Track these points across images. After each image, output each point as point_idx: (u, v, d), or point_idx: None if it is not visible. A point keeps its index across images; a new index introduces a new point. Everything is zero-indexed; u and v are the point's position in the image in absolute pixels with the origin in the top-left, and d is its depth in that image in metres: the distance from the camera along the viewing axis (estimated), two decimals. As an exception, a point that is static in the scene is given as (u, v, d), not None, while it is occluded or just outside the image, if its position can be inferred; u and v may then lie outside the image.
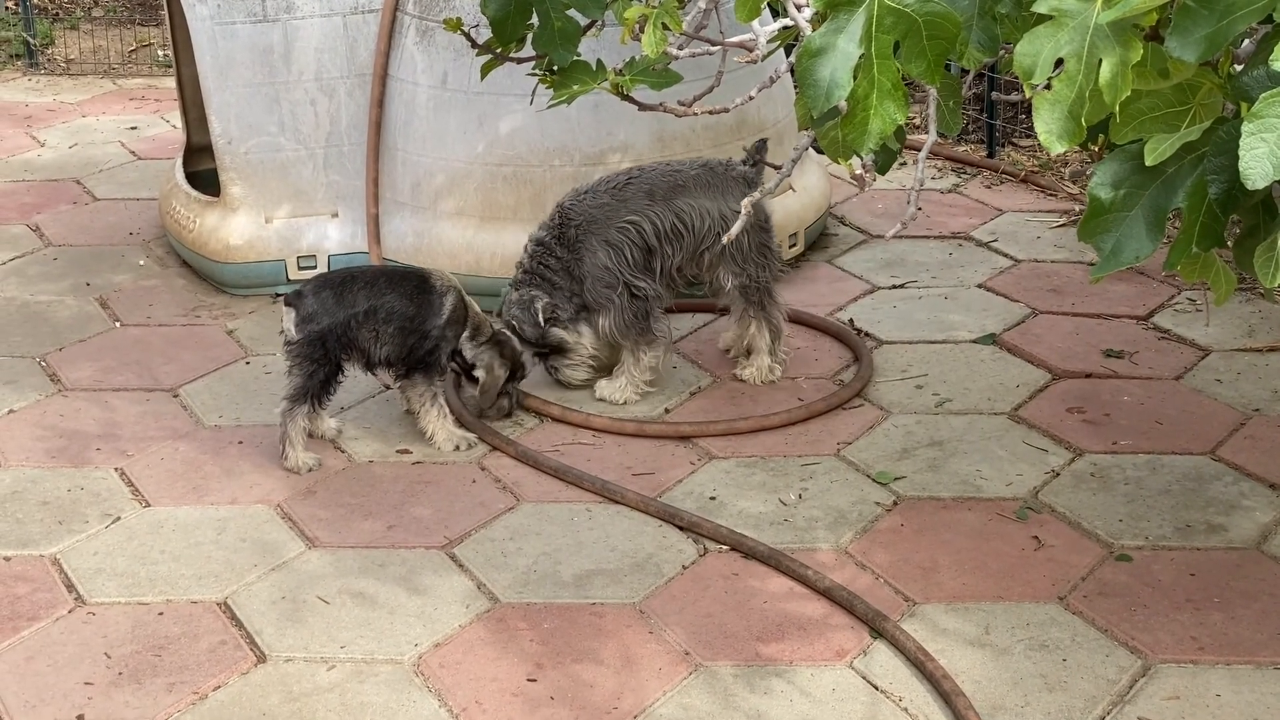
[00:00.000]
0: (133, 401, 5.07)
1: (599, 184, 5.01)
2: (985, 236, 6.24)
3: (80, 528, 4.39)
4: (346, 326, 4.63)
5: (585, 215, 4.92)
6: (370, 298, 4.66)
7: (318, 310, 4.63)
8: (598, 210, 4.92)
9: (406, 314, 4.67)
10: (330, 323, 4.62)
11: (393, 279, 4.75)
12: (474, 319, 4.79)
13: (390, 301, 4.66)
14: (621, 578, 4.12)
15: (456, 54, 5.51)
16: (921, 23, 2.52)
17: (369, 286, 4.69)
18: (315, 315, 4.62)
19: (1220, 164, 2.47)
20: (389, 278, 4.76)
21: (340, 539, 4.32)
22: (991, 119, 7.10)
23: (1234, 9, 2.34)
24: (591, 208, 4.93)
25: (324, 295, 4.65)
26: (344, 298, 4.65)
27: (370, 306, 4.65)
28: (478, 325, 4.79)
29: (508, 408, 4.88)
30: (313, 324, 4.62)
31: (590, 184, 5.05)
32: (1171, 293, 5.65)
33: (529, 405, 4.95)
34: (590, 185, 5.03)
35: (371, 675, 3.77)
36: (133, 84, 8.45)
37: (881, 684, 3.70)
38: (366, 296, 4.66)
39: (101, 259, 6.16)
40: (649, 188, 4.94)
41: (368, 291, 4.67)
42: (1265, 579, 4.05)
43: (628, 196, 4.93)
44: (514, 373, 4.84)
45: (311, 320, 4.62)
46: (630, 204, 4.91)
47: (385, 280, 4.73)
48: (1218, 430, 4.75)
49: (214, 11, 5.63)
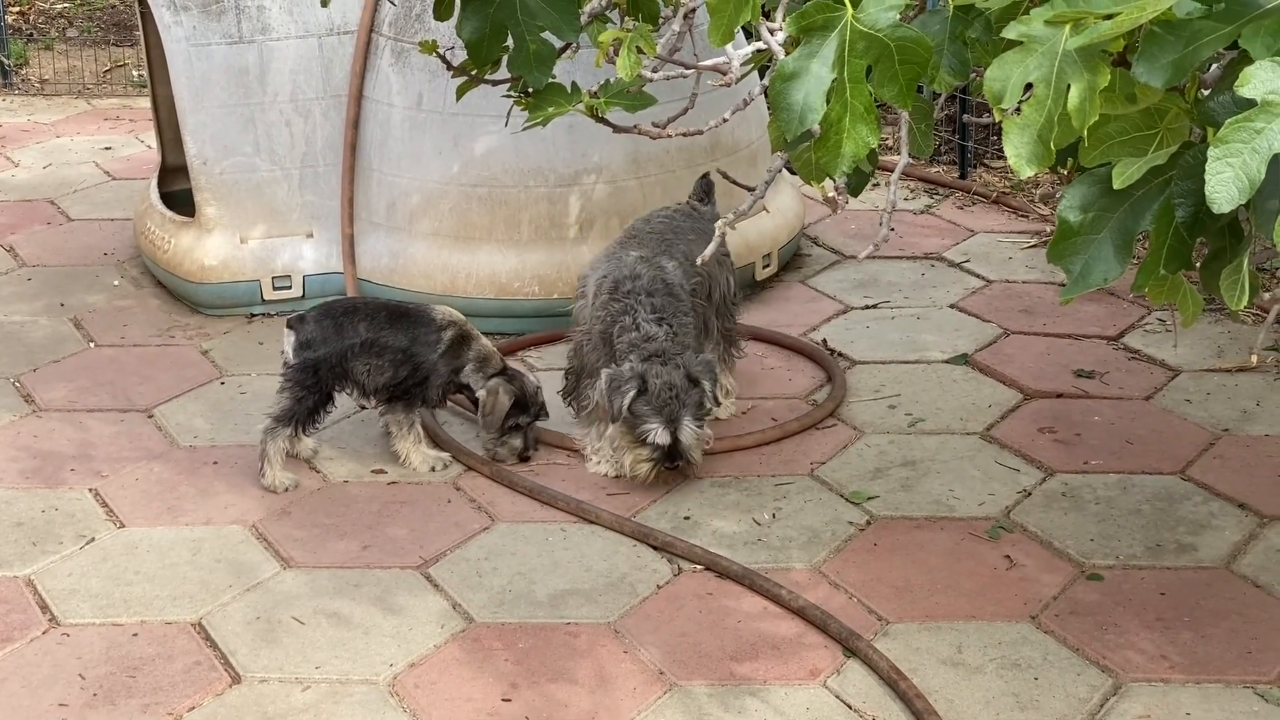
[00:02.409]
0: (107, 422, 5.06)
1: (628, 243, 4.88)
2: (957, 257, 6.28)
3: (54, 549, 4.38)
4: (343, 357, 4.64)
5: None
6: (370, 330, 4.66)
7: (316, 338, 4.64)
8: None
9: (400, 347, 4.67)
10: (326, 352, 4.63)
11: (394, 314, 4.74)
12: (480, 353, 4.76)
13: (387, 335, 4.67)
14: (596, 597, 4.13)
15: (432, 75, 5.53)
16: (894, 47, 2.54)
17: (370, 319, 4.69)
18: (313, 342, 4.63)
19: (1187, 188, 2.50)
20: (390, 312, 4.75)
21: (315, 559, 4.32)
22: (963, 141, 7.14)
23: (1200, 35, 2.37)
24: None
25: (325, 324, 4.66)
26: (344, 328, 4.66)
27: (368, 339, 4.65)
28: (485, 357, 4.75)
29: (520, 447, 4.76)
30: (309, 351, 4.63)
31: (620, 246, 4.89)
32: (1141, 313, 5.70)
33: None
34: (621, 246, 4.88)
35: (347, 695, 3.77)
36: (107, 104, 8.45)
37: (855, 703, 3.72)
38: (366, 329, 4.66)
39: (76, 279, 6.16)
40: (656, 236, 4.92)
41: (368, 324, 4.67)
42: (1235, 598, 4.08)
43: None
44: (526, 409, 4.74)
45: (309, 347, 4.63)
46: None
47: (386, 314, 4.73)
48: (1187, 450, 4.79)
49: (189, 33, 5.64)
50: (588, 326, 4.72)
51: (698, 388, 4.46)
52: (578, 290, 4.91)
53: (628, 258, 4.71)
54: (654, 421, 4.43)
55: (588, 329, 4.72)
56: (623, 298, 4.59)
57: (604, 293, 4.65)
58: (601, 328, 4.63)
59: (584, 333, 4.75)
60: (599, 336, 4.63)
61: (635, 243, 4.83)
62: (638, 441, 4.48)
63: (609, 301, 4.62)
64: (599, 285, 4.70)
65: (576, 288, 4.95)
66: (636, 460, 4.51)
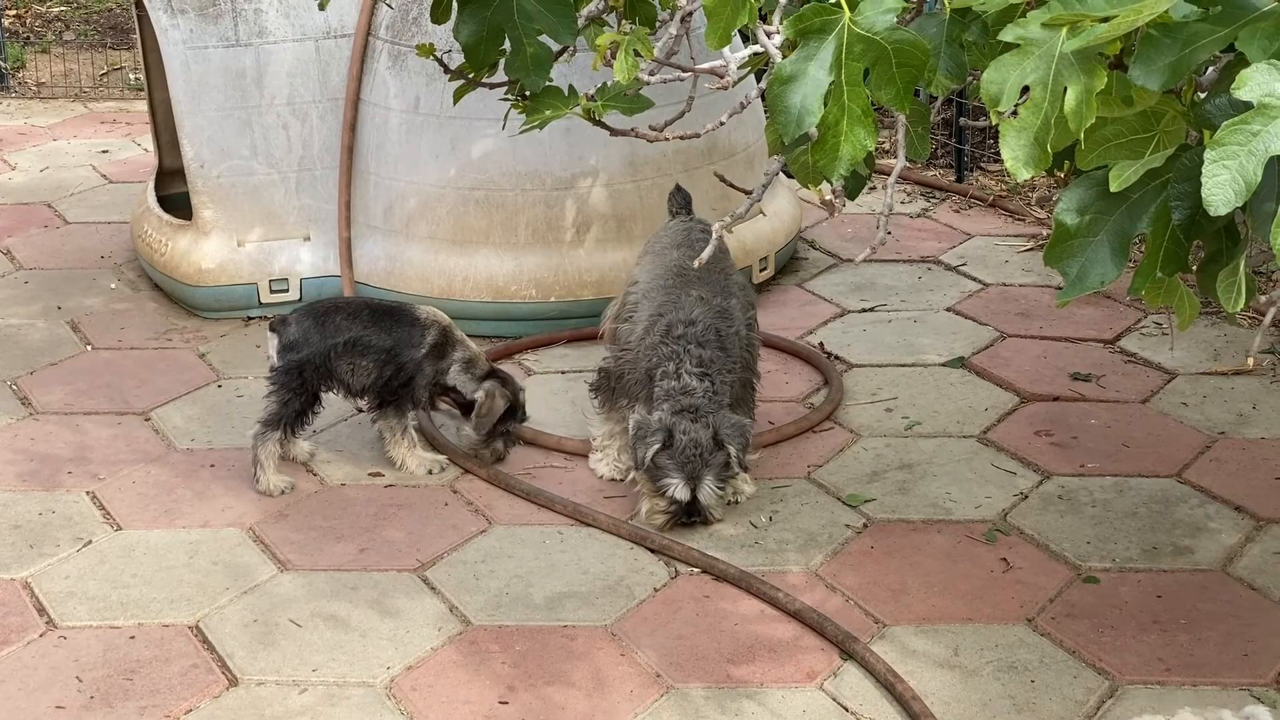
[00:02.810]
0: (104, 425, 5.06)
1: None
2: (954, 260, 6.28)
3: (51, 551, 4.38)
4: (326, 357, 4.64)
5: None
6: (352, 329, 4.67)
7: (299, 339, 4.64)
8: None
9: (383, 346, 4.68)
10: (310, 353, 4.63)
11: (376, 312, 4.75)
12: (465, 353, 4.77)
13: (369, 335, 4.67)
14: (593, 600, 4.14)
15: (429, 78, 5.53)
16: (891, 50, 2.55)
17: (352, 318, 4.70)
18: (297, 344, 4.64)
19: (1184, 190, 2.50)
20: (372, 311, 4.76)
21: (312, 562, 4.32)
22: (960, 144, 7.15)
23: (1196, 38, 2.37)
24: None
25: (307, 324, 4.67)
26: (326, 328, 4.66)
27: (350, 339, 4.66)
28: (471, 359, 4.77)
29: (502, 451, 4.79)
30: (293, 352, 4.63)
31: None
32: (1138, 316, 5.70)
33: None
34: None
35: (344, 698, 3.77)
36: (104, 107, 8.44)
37: (852, 705, 3.72)
38: (348, 328, 4.67)
39: (73, 282, 6.16)
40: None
41: (350, 323, 4.68)
42: (1231, 601, 4.08)
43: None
44: (514, 412, 4.77)
45: (292, 349, 4.63)
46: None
47: (369, 313, 4.74)
48: (1184, 453, 4.79)
49: (187, 36, 5.64)
50: (634, 355, 4.58)
51: (723, 450, 4.33)
52: (627, 284, 4.85)
53: (686, 298, 4.54)
54: (675, 477, 4.32)
55: (634, 358, 4.58)
56: (673, 342, 4.44)
57: (655, 334, 4.50)
58: (647, 365, 4.49)
59: (630, 358, 4.60)
60: (644, 372, 4.50)
61: (694, 276, 4.60)
62: (657, 492, 4.36)
63: (659, 344, 4.47)
64: (651, 323, 4.54)
65: (626, 281, 4.90)
66: (654, 510, 4.38)
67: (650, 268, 4.78)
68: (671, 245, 4.81)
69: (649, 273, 4.76)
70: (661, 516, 4.38)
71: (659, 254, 4.82)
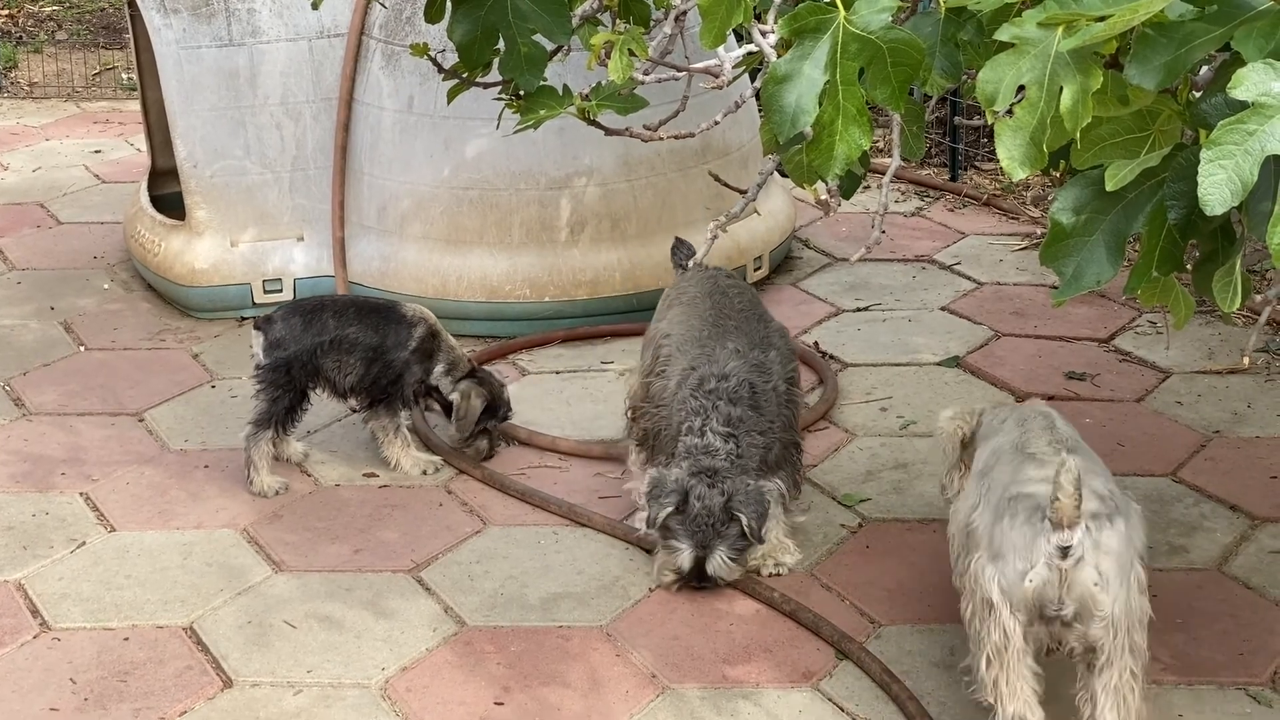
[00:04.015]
0: (98, 426, 5.05)
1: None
2: (948, 259, 6.28)
3: (45, 553, 4.37)
4: (312, 354, 4.64)
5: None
6: (338, 327, 4.66)
7: (285, 337, 4.63)
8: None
9: (370, 344, 4.67)
10: (296, 350, 4.62)
11: (362, 309, 4.75)
12: (449, 354, 4.77)
13: (355, 332, 4.67)
14: (588, 600, 4.13)
15: (422, 78, 5.52)
16: (886, 49, 2.54)
17: (338, 316, 4.69)
18: (283, 341, 4.63)
19: (1179, 190, 2.50)
20: (359, 308, 4.76)
21: (307, 563, 4.32)
22: (954, 143, 7.15)
23: (1192, 37, 2.37)
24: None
25: (293, 322, 4.66)
26: (312, 326, 4.65)
27: (336, 336, 4.65)
28: (453, 361, 4.77)
29: (487, 449, 4.79)
30: (279, 350, 4.62)
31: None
32: (1132, 315, 5.70)
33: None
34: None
35: (339, 699, 3.77)
36: (96, 107, 8.43)
37: (847, 706, 3.72)
38: (335, 325, 4.66)
39: (66, 283, 6.14)
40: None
41: (336, 320, 4.67)
42: (1226, 600, 4.08)
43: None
44: (494, 410, 4.77)
45: (279, 346, 4.63)
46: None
47: (355, 310, 4.74)
48: (1179, 452, 4.79)
49: (180, 36, 5.63)
50: (668, 410, 4.30)
51: (735, 523, 4.06)
52: (657, 338, 4.50)
53: (721, 351, 4.30)
54: (684, 544, 4.08)
55: (668, 413, 4.30)
56: (702, 397, 4.19)
57: (686, 387, 4.24)
58: (677, 419, 4.23)
59: (664, 414, 4.31)
60: (675, 427, 4.24)
61: (731, 327, 4.40)
62: (664, 559, 4.16)
63: (688, 398, 4.21)
64: (684, 376, 4.28)
65: (654, 336, 4.55)
66: (663, 568, 4.17)
67: (682, 319, 4.49)
68: (703, 295, 4.53)
69: (681, 325, 4.47)
70: (670, 576, 4.15)
71: (689, 304, 4.53)
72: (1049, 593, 3.32)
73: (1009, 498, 3.43)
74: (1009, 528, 3.37)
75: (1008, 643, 3.35)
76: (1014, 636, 3.35)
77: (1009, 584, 3.34)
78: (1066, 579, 3.31)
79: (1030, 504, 3.36)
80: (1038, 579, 3.31)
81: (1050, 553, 3.29)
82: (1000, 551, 3.38)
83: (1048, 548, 3.29)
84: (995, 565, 3.37)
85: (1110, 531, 3.33)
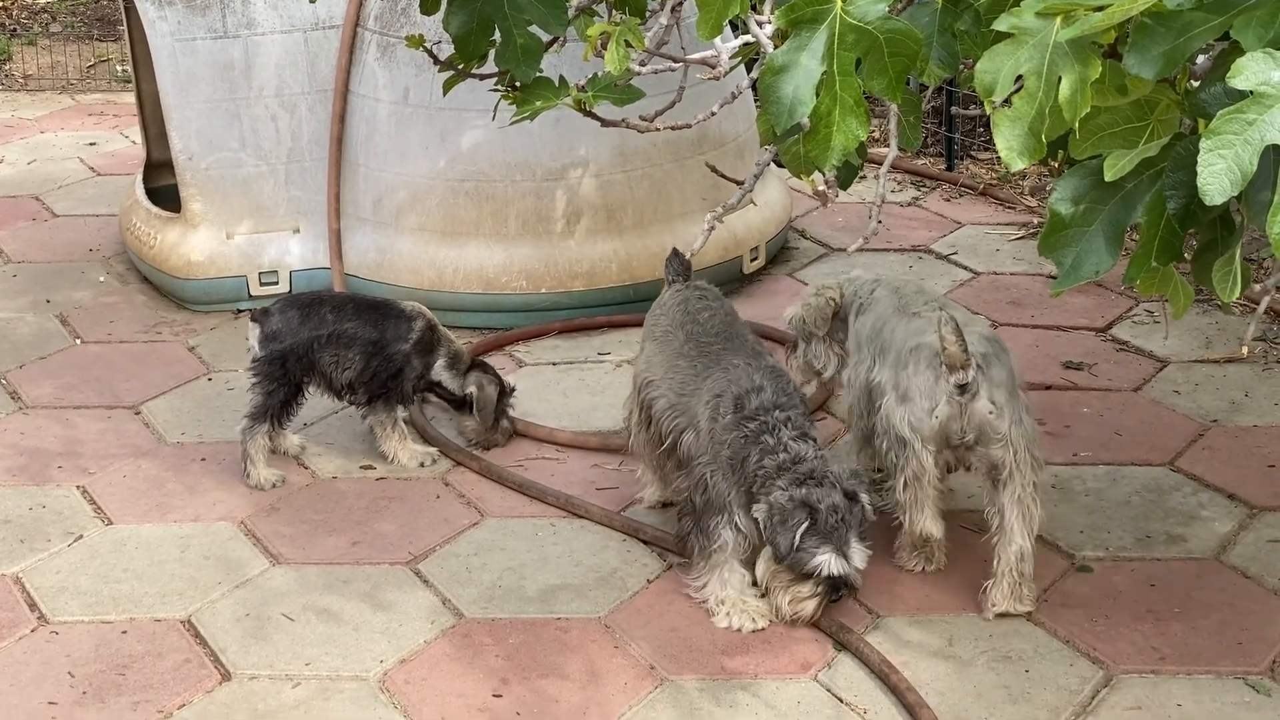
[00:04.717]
0: (94, 419, 5.04)
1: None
2: (945, 249, 6.27)
3: (42, 546, 4.36)
4: (309, 348, 4.63)
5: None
6: (336, 322, 4.66)
7: (282, 329, 4.63)
8: None
9: (370, 339, 4.67)
10: (293, 343, 4.62)
11: (360, 305, 4.75)
12: (449, 349, 4.77)
13: (354, 327, 4.66)
14: (586, 592, 4.13)
15: (418, 69, 5.51)
16: (883, 40, 2.54)
17: (336, 310, 4.69)
18: (279, 334, 4.62)
19: (1178, 179, 2.49)
20: (357, 304, 4.76)
21: (304, 555, 4.31)
22: (950, 132, 7.14)
23: (1191, 26, 2.36)
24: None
25: (290, 315, 4.65)
26: (309, 319, 4.65)
27: (334, 331, 4.65)
28: (455, 354, 4.77)
29: (510, 428, 4.83)
30: (275, 343, 4.62)
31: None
32: (1130, 305, 5.70)
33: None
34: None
35: (337, 692, 3.76)
36: (91, 99, 8.41)
37: (846, 696, 3.72)
38: (332, 320, 4.66)
39: (61, 275, 6.13)
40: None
41: (334, 315, 4.67)
42: (1224, 589, 4.08)
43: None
44: (504, 392, 4.81)
45: (275, 339, 4.62)
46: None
47: (353, 306, 4.74)
48: (1176, 441, 4.79)
49: (174, 28, 5.62)
50: (711, 454, 4.00)
51: (857, 504, 3.91)
52: (639, 385, 4.29)
53: (733, 369, 4.07)
54: (825, 552, 3.85)
55: (712, 456, 4.00)
56: (755, 415, 3.95)
57: (727, 413, 3.98)
58: (731, 453, 3.95)
59: (705, 459, 4.02)
60: (727, 463, 3.96)
61: (722, 346, 4.20)
62: (801, 578, 3.90)
63: (739, 422, 3.95)
64: (715, 405, 4.02)
65: (627, 405, 4.39)
66: (797, 598, 3.92)
67: (662, 359, 4.25)
68: (675, 326, 4.30)
69: (662, 365, 4.23)
70: (811, 603, 3.92)
71: (663, 340, 4.30)
72: (952, 425, 3.91)
73: (909, 349, 3.98)
74: (913, 374, 3.95)
75: (923, 471, 3.95)
76: (927, 466, 3.94)
77: (918, 421, 3.92)
78: (966, 411, 3.89)
79: (929, 352, 3.93)
80: (942, 414, 3.91)
81: (950, 392, 3.87)
82: (907, 395, 3.95)
83: (948, 388, 3.86)
84: (904, 407, 3.95)
85: (998, 367, 3.92)
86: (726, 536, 3.98)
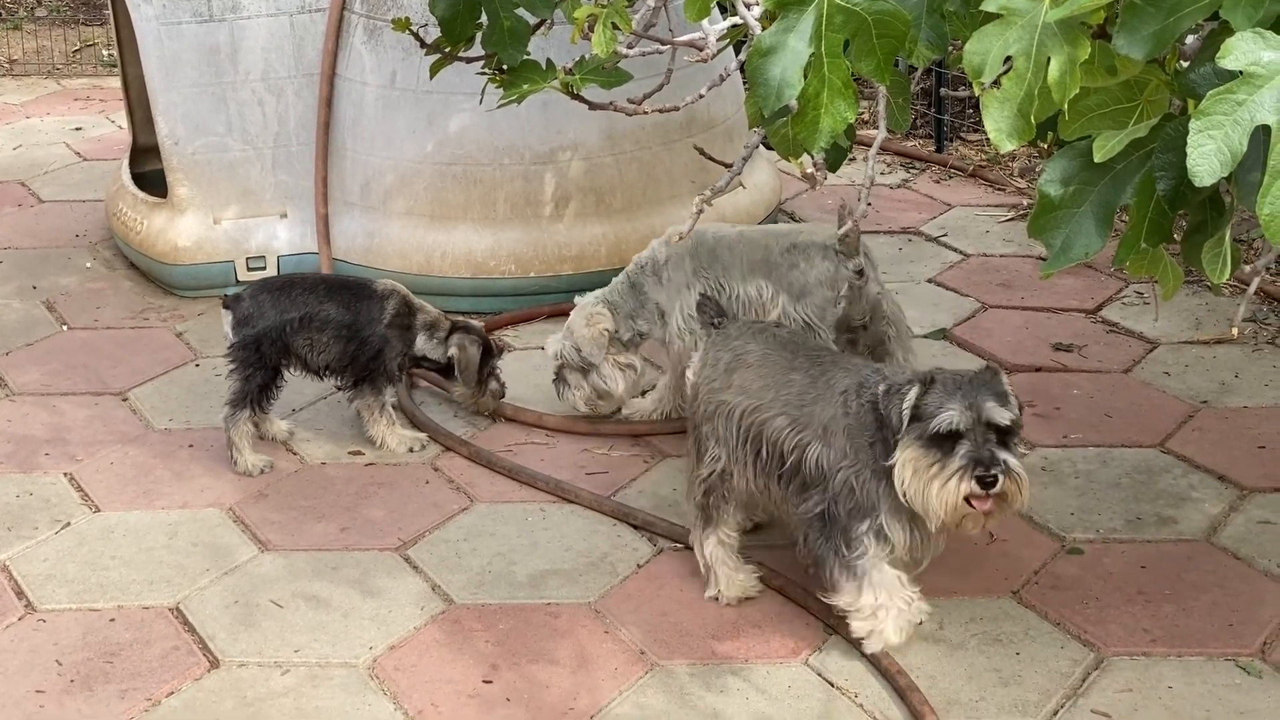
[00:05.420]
0: (81, 405, 5.02)
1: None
2: (934, 231, 6.26)
3: (29, 534, 4.35)
4: (281, 331, 4.62)
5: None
6: (307, 304, 4.65)
7: (253, 314, 4.62)
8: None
9: (343, 321, 4.66)
10: (265, 326, 4.61)
11: (332, 286, 4.74)
12: (426, 320, 4.77)
13: (327, 309, 4.65)
14: (576, 577, 4.12)
15: (405, 53, 5.49)
16: (871, 21, 2.53)
17: (308, 293, 4.68)
18: (251, 319, 4.61)
19: (1168, 161, 2.48)
20: (329, 285, 4.76)
21: (293, 542, 4.30)
22: (939, 114, 7.12)
23: (1180, 7, 2.35)
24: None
25: (261, 299, 4.64)
26: (280, 302, 4.64)
27: (306, 313, 4.63)
28: (433, 322, 4.77)
29: (499, 389, 4.85)
30: (248, 327, 4.61)
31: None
32: (1119, 286, 5.69)
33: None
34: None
35: (326, 679, 3.75)
36: (77, 84, 8.38)
37: (837, 680, 3.71)
38: (304, 303, 4.65)
39: (47, 261, 6.11)
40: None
41: (306, 298, 4.66)
42: (1215, 571, 4.08)
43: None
44: (490, 351, 4.81)
45: (247, 324, 4.61)
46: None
47: (325, 287, 4.73)
48: (1167, 422, 4.79)
49: (159, 11, 5.59)
50: (852, 455, 3.66)
51: (996, 376, 3.56)
52: (719, 437, 3.91)
53: (856, 367, 3.82)
54: (951, 408, 3.46)
55: (854, 456, 3.66)
56: (871, 385, 3.64)
57: (852, 399, 3.69)
58: (870, 434, 3.64)
59: (848, 465, 3.68)
60: (868, 447, 3.65)
61: (833, 357, 3.94)
62: (941, 464, 3.48)
63: (867, 404, 3.65)
64: (844, 399, 3.70)
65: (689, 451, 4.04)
66: (944, 488, 3.47)
67: (764, 383, 3.87)
68: (771, 350, 3.93)
69: (770, 388, 3.84)
70: (953, 483, 3.46)
71: (760, 366, 3.91)
72: (854, 309, 4.35)
73: (782, 250, 4.41)
74: (806, 269, 4.34)
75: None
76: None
77: (818, 312, 4.30)
78: (862, 294, 4.35)
79: (816, 247, 4.35)
80: (845, 301, 4.34)
81: (850, 278, 4.32)
82: (805, 290, 4.35)
83: (848, 275, 4.32)
84: (802, 302, 4.34)
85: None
86: (868, 543, 3.64)
